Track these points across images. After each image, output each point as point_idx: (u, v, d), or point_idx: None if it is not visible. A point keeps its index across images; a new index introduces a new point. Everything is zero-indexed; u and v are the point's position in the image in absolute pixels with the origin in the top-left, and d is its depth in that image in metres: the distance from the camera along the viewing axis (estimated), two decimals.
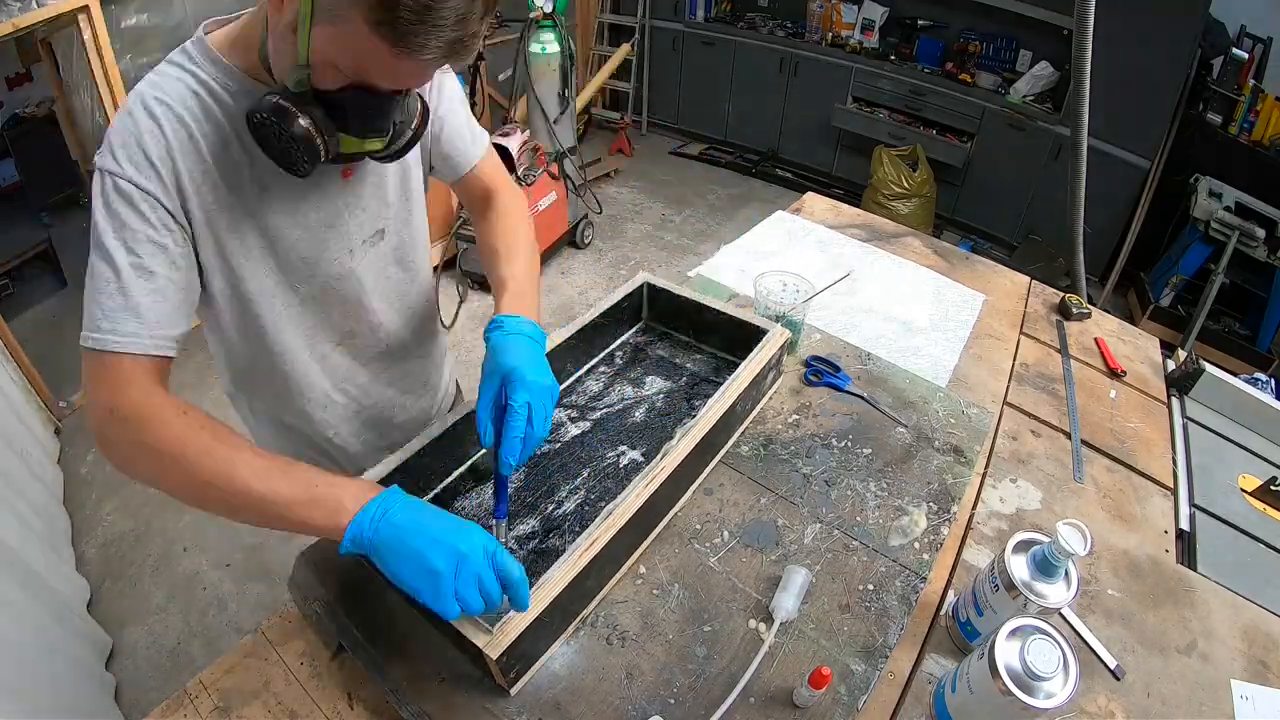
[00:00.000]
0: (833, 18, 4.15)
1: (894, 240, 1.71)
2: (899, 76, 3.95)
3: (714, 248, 1.31)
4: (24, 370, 2.44)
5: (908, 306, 1.44)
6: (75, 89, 2.65)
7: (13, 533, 1.74)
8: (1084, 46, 1.69)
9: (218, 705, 0.76)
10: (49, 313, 3.20)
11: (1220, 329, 3.19)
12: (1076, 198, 1.98)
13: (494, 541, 0.64)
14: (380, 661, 0.75)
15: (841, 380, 1.15)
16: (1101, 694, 0.80)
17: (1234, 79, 3.12)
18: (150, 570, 2.09)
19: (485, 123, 3.75)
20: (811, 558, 0.88)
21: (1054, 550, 0.71)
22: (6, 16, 2.13)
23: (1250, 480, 1.18)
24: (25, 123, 3.70)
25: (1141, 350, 1.45)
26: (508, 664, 0.68)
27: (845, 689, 0.74)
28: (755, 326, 1.06)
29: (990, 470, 1.09)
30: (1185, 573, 0.97)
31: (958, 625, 0.83)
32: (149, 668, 1.85)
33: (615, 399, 1.08)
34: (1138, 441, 1.20)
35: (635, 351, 1.18)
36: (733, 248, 1.59)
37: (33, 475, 2.11)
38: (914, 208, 3.71)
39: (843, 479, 0.99)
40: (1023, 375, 1.32)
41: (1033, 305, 1.54)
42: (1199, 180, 2.98)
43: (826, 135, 4.34)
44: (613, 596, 0.83)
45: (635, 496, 0.79)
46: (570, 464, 0.97)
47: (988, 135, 3.75)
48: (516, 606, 0.65)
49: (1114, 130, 3.14)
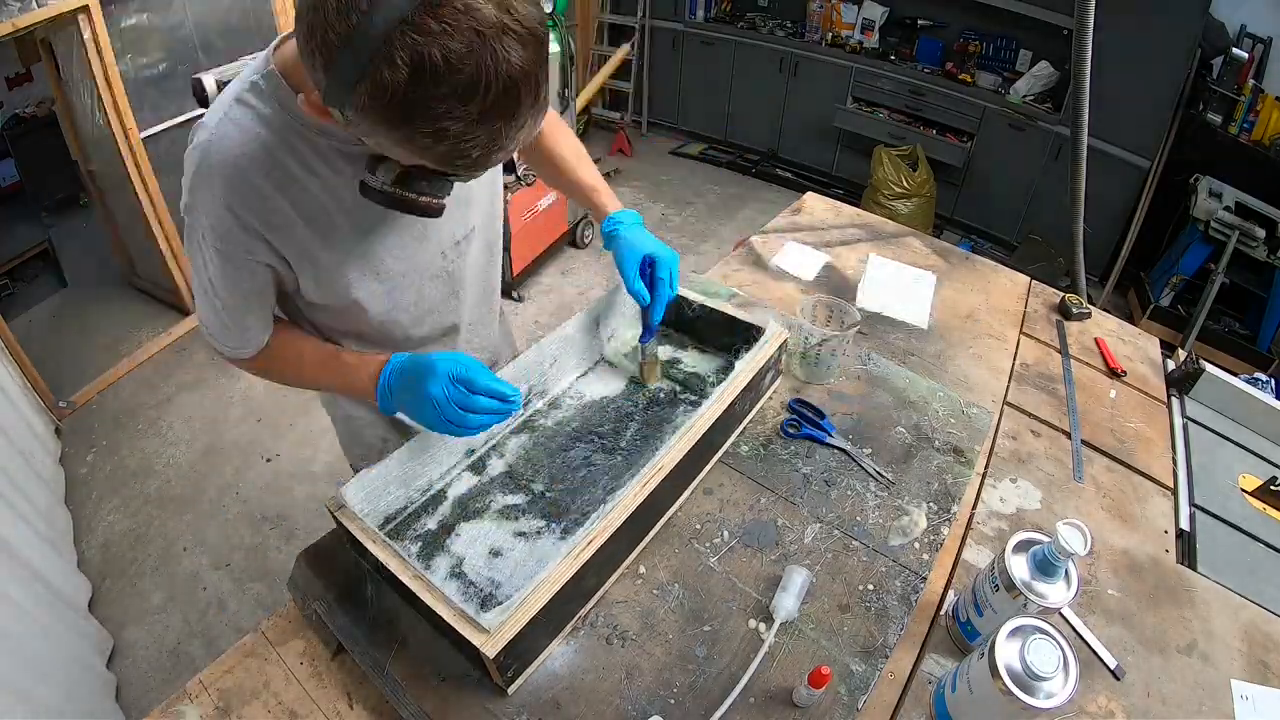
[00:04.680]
0: (833, 18, 4.15)
1: (894, 240, 1.71)
2: (899, 76, 3.94)
3: (714, 247, 1.31)
4: (24, 370, 2.44)
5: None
6: (75, 89, 2.65)
7: (14, 531, 1.74)
8: (1084, 46, 1.69)
9: (218, 705, 0.76)
10: (49, 313, 3.20)
11: (1220, 329, 3.19)
12: (1076, 198, 1.98)
13: (461, 363, 0.78)
14: (380, 661, 0.75)
15: (823, 431, 1.05)
16: (1101, 694, 0.80)
17: (1234, 79, 3.12)
18: (150, 570, 2.09)
19: None
20: (811, 558, 0.88)
21: (1054, 550, 0.71)
22: (6, 16, 2.13)
23: (1250, 480, 1.19)
24: (25, 123, 3.70)
25: (1141, 350, 1.45)
26: (505, 663, 0.68)
27: (845, 689, 0.74)
28: (755, 326, 1.06)
29: (990, 470, 1.09)
30: (1185, 573, 0.97)
31: (958, 625, 0.83)
32: (149, 667, 1.85)
33: (614, 398, 1.08)
34: (1138, 441, 1.20)
35: (634, 350, 1.18)
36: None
37: (34, 474, 2.11)
38: (914, 208, 3.71)
39: (843, 479, 0.99)
40: (1023, 375, 1.32)
41: (1033, 305, 1.54)
42: (1199, 180, 2.98)
43: (826, 135, 4.34)
44: (613, 596, 0.83)
45: (632, 496, 0.79)
46: (569, 462, 0.97)
47: (988, 135, 3.75)
48: (510, 407, 0.79)
49: (1114, 130, 3.13)
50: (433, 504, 0.91)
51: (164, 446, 2.51)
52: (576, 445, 1.00)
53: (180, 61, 2.66)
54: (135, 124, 2.54)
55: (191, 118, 2.72)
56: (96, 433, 2.56)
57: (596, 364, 1.15)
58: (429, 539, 0.86)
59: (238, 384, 2.79)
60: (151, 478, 2.39)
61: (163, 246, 2.83)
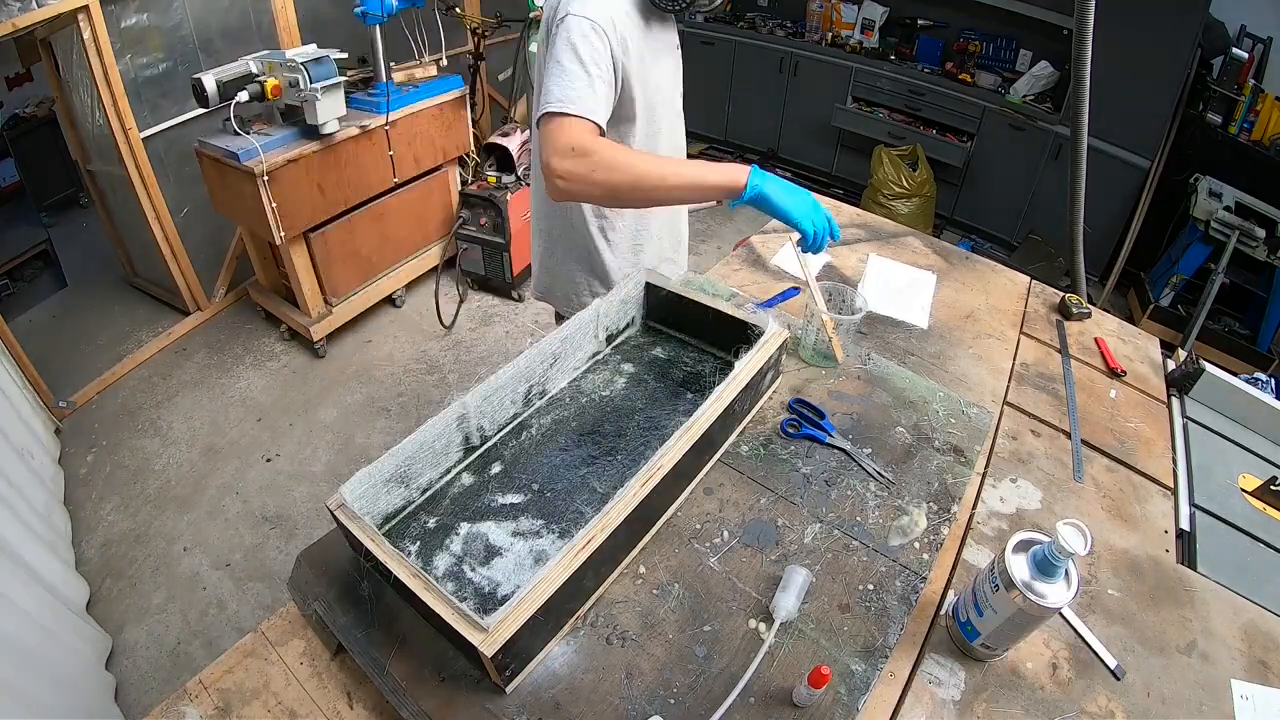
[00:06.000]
0: (832, 17, 4.15)
1: (894, 240, 1.71)
2: (899, 76, 3.95)
3: (714, 247, 1.33)
4: (24, 370, 2.44)
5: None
6: (75, 89, 2.65)
7: (13, 532, 1.74)
8: (1084, 46, 1.69)
9: (218, 705, 0.76)
10: (49, 313, 3.20)
11: (1220, 329, 3.19)
12: (1076, 198, 1.98)
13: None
14: (380, 661, 0.75)
15: (823, 431, 1.05)
16: (1101, 694, 0.80)
17: (1234, 79, 3.12)
18: (150, 570, 2.09)
19: (485, 123, 3.76)
20: (811, 558, 0.88)
21: (1054, 550, 0.71)
22: (6, 16, 2.13)
23: (1250, 480, 1.18)
24: (25, 123, 3.70)
25: (1141, 350, 1.45)
26: (504, 662, 0.68)
27: (845, 689, 0.74)
28: (754, 326, 1.06)
29: (990, 470, 1.09)
30: (1185, 573, 0.97)
31: (958, 625, 0.83)
32: (149, 668, 1.85)
33: (613, 397, 1.08)
34: (1138, 441, 1.20)
35: (634, 350, 1.18)
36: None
37: (33, 474, 2.11)
38: (914, 207, 3.71)
39: (843, 479, 0.99)
40: (1023, 375, 1.32)
41: (1033, 305, 1.54)
42: (1199, 180, 2.98)
43: (826, 135, 4.34)
44: (612, 596, 0.83)
45: (632, 495, 0.79)
46: (569, 462, 0.97)
47: (988, 135, 3.75)
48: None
49: (1114, 130, 3.13)
50: (432, 503, 0.91)
51: (164, 446, 2.51)
52: (576, 445, 1.00)
53: (180, 61, 2.66)
54: (135, 124, 2.54)
55: (191, 118, 2.72)
56: (96, 433, 2.56)
57: (596, 363, 1.15)
58: (429, 538, 0.86)
59: (238, 384, 2.79)
60: (151, 478, 2.39)
61: (163, 246, 2.83)
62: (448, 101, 2.94)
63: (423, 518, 0.89)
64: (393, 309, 3.20)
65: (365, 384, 2.80)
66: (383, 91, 2.64)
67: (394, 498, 0.87)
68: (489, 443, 0.99)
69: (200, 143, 2.42)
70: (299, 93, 2.26)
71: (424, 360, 2.94)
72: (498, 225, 3.06)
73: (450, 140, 3.03)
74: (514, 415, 1.03)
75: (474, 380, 2.76)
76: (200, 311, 3.10)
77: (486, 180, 3.09)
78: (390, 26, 2.60)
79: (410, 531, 0.87)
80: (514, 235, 3.05)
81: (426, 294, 3.15)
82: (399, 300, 3.20)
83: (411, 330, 3.10)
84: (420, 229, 3.14)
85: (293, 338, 3.00)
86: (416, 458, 0.88)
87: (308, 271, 2.70)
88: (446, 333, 3.08)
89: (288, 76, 2.25)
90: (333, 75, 2.30)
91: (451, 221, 3.19)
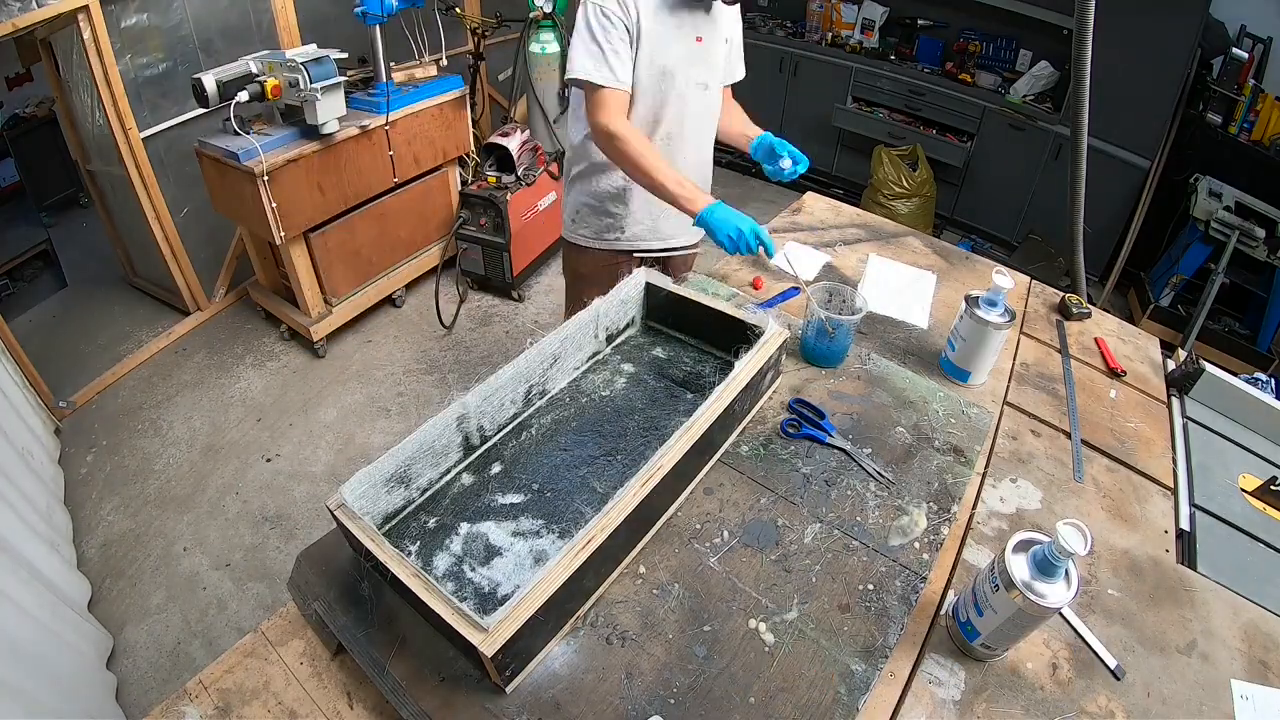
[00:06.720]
0: (833, 17, 4.15)
1: (894, 240, 1.71)
2: (899, 76, 3.94)
3: (714, 247, 1.34)
4: (24, 370, 2.44)
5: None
6: (75, 89, 2.65)
7: (14, 531, 1.74)
8: (1084, 46, 1.69)
9: (218, 705, 0.76)
10: (49, 313, 3.20)
11: (1220, 329, 3.19)
12: (1076, 198, 1.98)
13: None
14: (380, 662, 0.75)
15: (823, 431, 1.06)
16: (1101, 694, 0.80)
17: (1234, 79, 3.12)
18: (150, 570, 2.09)
19: (485, 123, 3.76)
20: (811, 557, 0.88)
21: (1054, 550, 0.71)
22: (6, 16, 2.13)
23: (1250, 480, 1.18)
24: (25, 123, 3.69)
25: (1141, 350, 1.45)
26: (503, 662, 0.68)
27: (845, 689, 0.74)
28: (754, 326, 1.06)
29: (990, 470, 1.09)
30: (1185, 572, 0.97)
31: (958, 625, 0.83)
32: (149, 667, 1.85)
33: (613, 397, 1.08)
34: (1138, 441, 1.20)
35: (634, 350, 1.18)
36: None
37: (33, 474, 2.11)
38: (914, 207, 3.71)
39: (843, 479, 0.99)
40: (1023, 375, 1.32)
41: (1033, 305, 1.54)
42: (1199, 180, 2.98)
43: (826, 135, 4.33)
44: (612, 596, 0.83)
45: (632, 495, 0.79)
46: (568, 462, 0.97)
47: (987, 135, 3.75)
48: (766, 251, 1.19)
49: (1114, 130, 3.13)
50: (432, 504, 0.91)
51: (164, 446, 2.51)
52: (576, 445, 1.00)
53: (180, 61, 2.66)
54: (135, 124, 2.54)
55: (191, 118, 2.72)
56: (96, 433, 2.56)
57: (596, 363, 1.15)
58: (429, 538, 0.86)
59: (237, 384, 2.79)
60: (151, 478, 2.39)
61: (163, 246, 2.83)
62: (448, 101, 2.94)
63: (423, 518, 0.89)
64: (393, 309, 3.20)
65: (365, 384, 2.80)
66: (383, 91, 2.64)
67: (394, 498, 0.87)
68: (489, 443, 0.99)
69: (200, 143, 2.42)
70: (299, 93, 2.26)
71: (424, 360, 2.94)
72: (498, 225, 3.06)
73: (450, 140, 3.03)
74: (514, 415, 1.03)
75: (474, 380, 2.75)
76: (200, 311, 3.10)
77: (486, 180, 3.08)
78: (390, 26, 2.60)
79: (410, 531, 0.87)
80: (514, 235, 3.05)
81: (426, 294, 3.15)
82: (399, 300, 3.20)
83: (411, 330, 3.10)
84: (420, 229, 3.14)
85: (293, 338, 3.00)
86: (416, 458, 0.88)
87: (308, 271, 2.70)
88: (446, 333, 3.08)
89: (288, 76, 2.25)
90: (333, 75, 2.30)
91: (451, 221, 3.19)
